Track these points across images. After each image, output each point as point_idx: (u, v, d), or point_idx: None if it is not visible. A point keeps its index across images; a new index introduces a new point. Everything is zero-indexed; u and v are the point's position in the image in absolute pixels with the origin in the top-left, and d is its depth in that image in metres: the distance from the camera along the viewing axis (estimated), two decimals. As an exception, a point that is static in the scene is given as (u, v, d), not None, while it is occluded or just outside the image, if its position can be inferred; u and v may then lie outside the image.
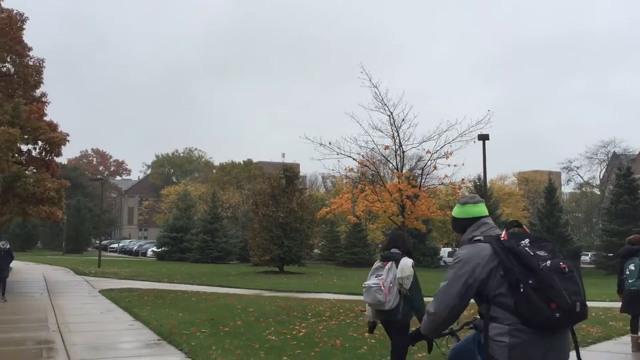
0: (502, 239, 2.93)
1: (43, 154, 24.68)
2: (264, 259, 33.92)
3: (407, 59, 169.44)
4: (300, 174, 57.48)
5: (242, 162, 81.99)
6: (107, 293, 18.55)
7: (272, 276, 30.99)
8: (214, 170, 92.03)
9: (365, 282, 6.05)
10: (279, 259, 33.94)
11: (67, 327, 11.47)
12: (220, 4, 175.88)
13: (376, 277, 6.01)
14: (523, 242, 2.89)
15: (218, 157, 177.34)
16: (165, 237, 53.92)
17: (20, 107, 21.21)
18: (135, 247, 66.13)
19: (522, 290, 2.73)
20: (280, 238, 33.71)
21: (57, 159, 25.84)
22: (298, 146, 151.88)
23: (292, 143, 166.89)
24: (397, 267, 5.93)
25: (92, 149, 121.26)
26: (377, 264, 6.24)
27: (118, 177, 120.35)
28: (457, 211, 3.34)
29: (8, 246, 16.79)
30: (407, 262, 5.97)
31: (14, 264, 21.46)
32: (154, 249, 57.08)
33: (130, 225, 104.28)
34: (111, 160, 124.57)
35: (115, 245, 73.06)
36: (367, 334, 8.18)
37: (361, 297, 6.74)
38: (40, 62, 24.77)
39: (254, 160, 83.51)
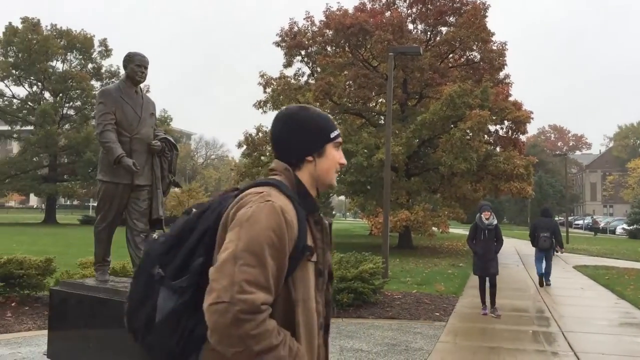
0: None
1: (509, 133, 25.81)
2: None
3: None
4: None
5: None
6: (581, 269, 18.15)
7: None
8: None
9: None
10: None
11: (551, 299, 11.67)
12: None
13: None
14: None
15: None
16: (636, 213, 49.57)
17: (488, 90, 22.64)
18: (602, 224, 62.95)
19: None
20: None
21: (522, 137, 26.66)
22: None
23: None
24: None
25: (549, 125, 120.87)
26: None
27: (577, 152, 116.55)
28: None
29: (495, 222, 9.70)
30: None
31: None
32: (624, 226, 53.15)
33: (593, 202, 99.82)
34: (569, 135, 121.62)
35: (580, 222, 71.07)
36: None
37: None
38: (503, 45, 25.90)
39: None
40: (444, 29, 26.75)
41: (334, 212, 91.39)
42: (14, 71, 44.22)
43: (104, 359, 5.06)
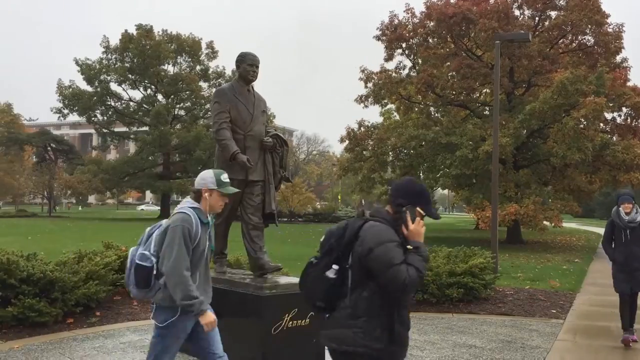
0: None
1: (628, 120, 24.17)
2: None
3: None
4: None
5: None
6: None
7: None
8: None
9: None
10: None
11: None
12: None
13: None
14: None
15: None
16: None
17: (604, 75, 21.25)
18: None
19: None
20: None
21: (643, 124, 24.81)
22: None
23: None
24: None
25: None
26: None
27: None
28: None
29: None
30: None
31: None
32: None
33: None
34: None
35: None
36: None
37: None
38: (620, 27, 24.23)
39: None
40: (553, 13, 25.44)
41: (437, 206, 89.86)
42: (130, 75, 47.19)
43: (224, 346, 5.29)
